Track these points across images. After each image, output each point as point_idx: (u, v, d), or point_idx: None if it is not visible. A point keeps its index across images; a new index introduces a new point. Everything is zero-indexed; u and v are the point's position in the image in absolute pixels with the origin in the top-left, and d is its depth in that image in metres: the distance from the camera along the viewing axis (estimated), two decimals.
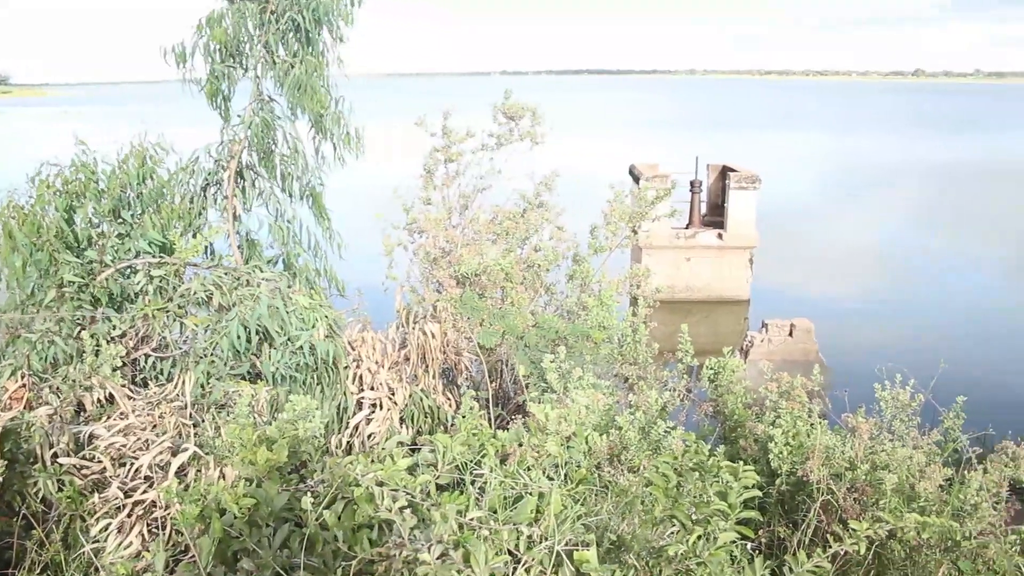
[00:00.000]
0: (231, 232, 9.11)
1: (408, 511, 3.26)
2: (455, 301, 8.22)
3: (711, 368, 7.23)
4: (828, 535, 4.53)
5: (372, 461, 3.79)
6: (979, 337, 23.12)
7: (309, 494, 3.70)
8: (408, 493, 3.43)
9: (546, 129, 10.54)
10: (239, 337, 7.11)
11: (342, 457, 4.12)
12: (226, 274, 7.69)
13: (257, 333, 7.42)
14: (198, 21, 8.57)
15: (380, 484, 3.47)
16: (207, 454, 5.50)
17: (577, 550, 3.35)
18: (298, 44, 8.86)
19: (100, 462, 5.53)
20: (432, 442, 4.35)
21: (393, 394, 8.00)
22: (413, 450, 4.62)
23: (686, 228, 25.25)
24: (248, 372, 7.50)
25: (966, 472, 5.55)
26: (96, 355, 6.63)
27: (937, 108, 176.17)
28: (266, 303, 7.27)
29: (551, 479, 4.37)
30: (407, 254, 10.31)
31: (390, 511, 3.24)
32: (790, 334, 15.24)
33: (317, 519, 3.59)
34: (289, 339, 7.45)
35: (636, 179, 23.10)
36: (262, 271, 8.09)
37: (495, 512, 3.55)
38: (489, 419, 8.01)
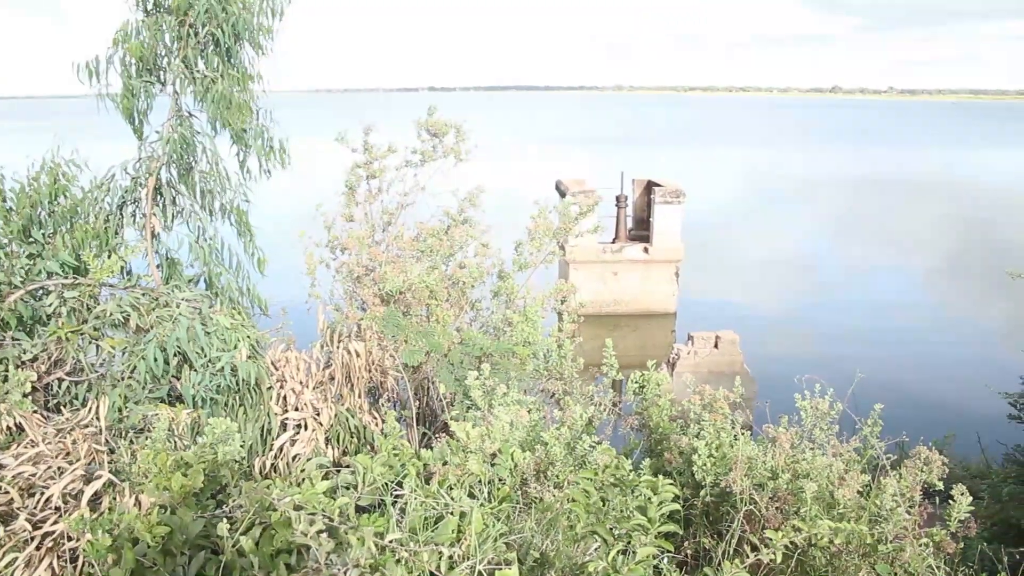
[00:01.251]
0: (149, 251, 8.90)
1: (325, 535, 3.20)
2: (378, 319, 8.14)
3: (636, 382, 7.28)
4: (746, 545, 4.59)
5: (290, 484, 3.71)
6: (896, 343, 23.83)
7: (226, 520, 3.61)
8: (326, 516, 3.37)
9: (470, 146, 10.54)
10: (156, 360, 6.94)
11: (260, 481, 4.03)
12: (144, 295, 7.51)
13: (176, 355, 7.25)
14: (114, 34, 8.36)
15: (298, 508, 3.41)
16: (123, 481, 5.33)
17: (499, 569, 3.33)
18: (218, 59, 8.72)
19: (7, 493, 5.31)
20: (353, 463, 4.29)
21: (318, 414, 7.88)
22: (341, 471, 4.56)
23: (612, 243, 25.50)
24: (168, 395, 7.32)
25: (882, 478, 5.68)
26: (4, 380, 6.39)
27: (854, 123, 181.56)
28: (185, 324, 7.11)
29: (474, 497, 4.35)
30: (331, 272, 10.20)
31: (307, 535, 3.18)
32: (715, 346, 15.45)
33: (234, 545, 3.51)
34: (210, 360, 7.30)
35: (562, 194, 23.29)
36: (182, 291, 7.91)
37: (416, 533, 3.51)
38: (411, 439, 7.97)
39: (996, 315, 26.14)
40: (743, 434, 6.04)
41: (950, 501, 5.42)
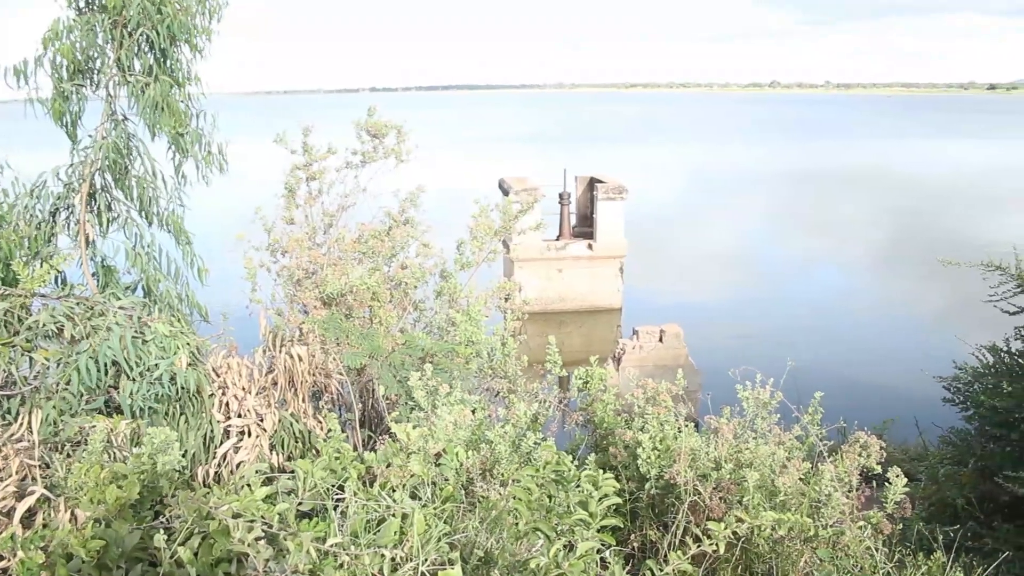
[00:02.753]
0: (84, 259, 8.71)
1: (263, 542, 3.17)
2: (320, 323, 8.07)
3: (580, 378, 7.32)
4: (688, 536, 4.64)
5: (228, 492, 3.66)
6: (837, 332, 24.34)
7: (163, 531, 3.55)
8: (266, 523, 3.33)
9: (411, 146, 10.49)
10: (90, 370, 6.79)
11: (198, 490, 3.96)
12: (78, 304, 7.34)
13: (112, 364, 7.11)
14: (43, 35, 8.14)
15: (238, 516, 3.36)
16: (58, 496, 5.20)
17: (442, 569, 3.32)
18: (153, 60, 8.55)
19: None
20: (293, 469, 4.25)
21: (261, 420, 7.78)
22: (281, 477, 4.51)
23: (557, 240, 25.62)
24: (106, 406, 7.17)
25: (820, 465, 5.79)
26: None
27: (792, 117, 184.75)
28: (119, 333, 6.97)
29: (417, 498, 4.33)
30: (272, 276, 10.08)
31: (245, 543, 3.14)
32: (660, 340, 15.60)
33: (172, 557, 3.45)
34: (148, 369, 7.16)
35: (506, 193, 23.33)
36: (119, 299, 7.76)
37: (358, 536, 3.49)
38: (356, 441, 7.91)
39: (931, 302, 26.80)
40: (687, 426, 6.10)
41: (887, 484, 5.55)
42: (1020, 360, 8.61)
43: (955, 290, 23.59)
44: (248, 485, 3.75)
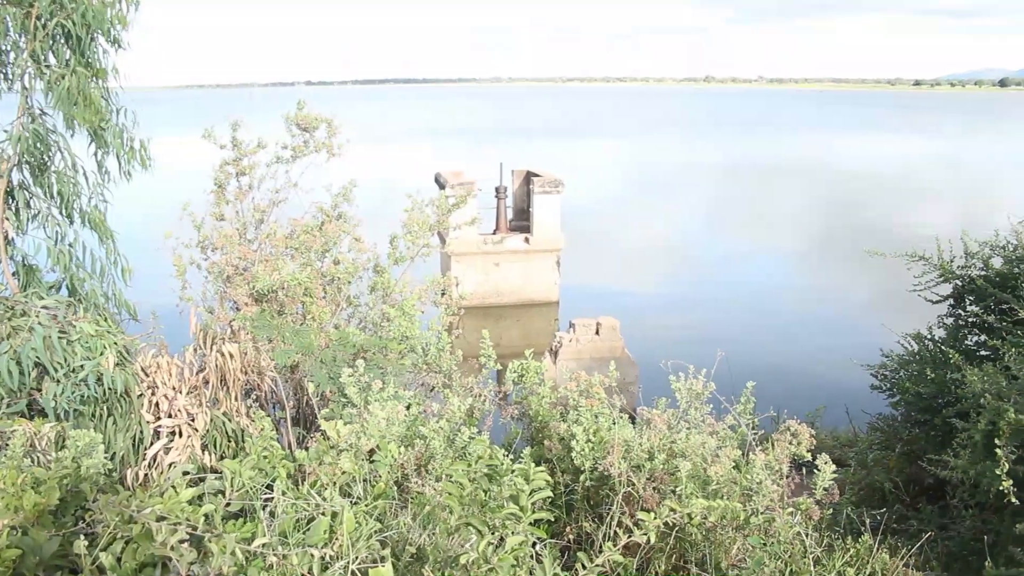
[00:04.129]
0: (3, 258, 8.44)
1: (186, 545, 3.09)
2: (250, 320, 7.94)
3: (514, 371, 7.32)
4: (618, 527, 4.67)
5: (151, 495, 3.57)
6: (771, 322, 24.76)
7: (84, 536, 3.44)
8: (191, 525, 3.26)
9: (343, 140, 10.36)
10: (11, 372, 6.59)
11: (126, 493, 3.85)
12: None
13: (36, 366, 6.91)
14: None
15: (162, 518, 3.28)
16: None
17: (373, 567, 3.28)
18: (70, 52, 8.29)
19: None
20: (220, 468, 4.17)
21: (193, 420, 7.65)
22: (207, 478, 4.41)
23: (493, 234, 25.58)
24: (29, 408, 6.97)
25: (752, 454, 5.87)
26: None
27: (726, 111, 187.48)
28: (42, 334, 6.78)
29: (348, 496, 4.28)
30: (202, 273, 9.89)
31: (168, 546, 3.06)
32: (597, 332, 15.66)
33: (94, 563, 3.35)
34: (72, 370, 6.98)
35: (442, 187, 23.22)
36: (41, 298, 7.55)
37: (287, 536, 3.43)
38: (289, 440, 7.82)
39: (860, 292, 27.41)
40: (622, 418, 6.14)
41: (816, 471, 5.65)
42: (942, 348, 8.85)
43: (882, 280, 24.17)
44: (173, 487, 3.67)
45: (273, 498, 3.77)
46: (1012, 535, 6.12)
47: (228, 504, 3.93)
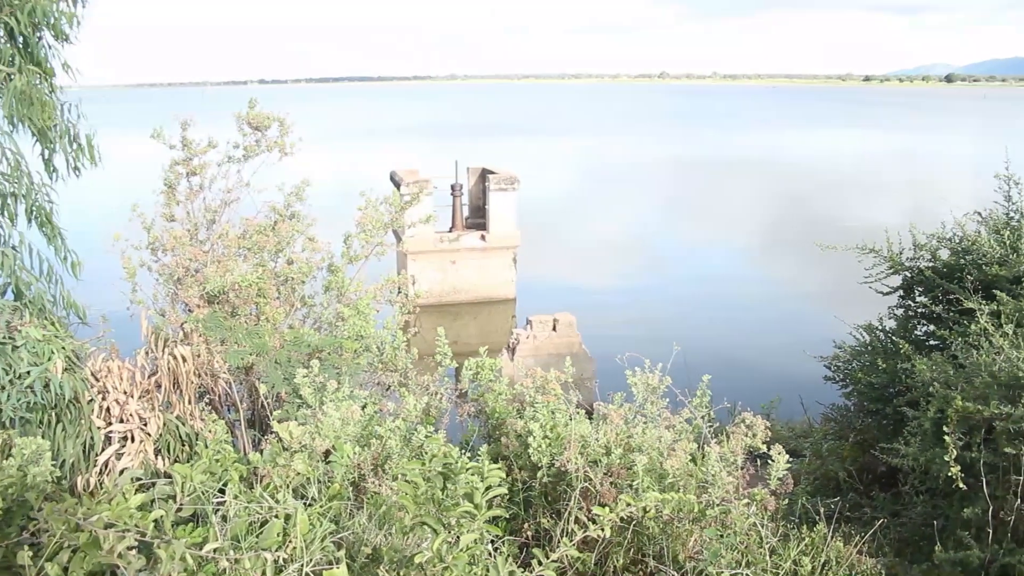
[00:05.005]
0: None
1: (134, 552, 3.04)
2: (201, 321, 7.83)
3: (470, 368, 7.30)
4: (575, 523, 4.68)
5: (99, 502, 3.50)
6: (727, 316, 24.99)
7: (29, 546, 3.36)
8: (140, 532, 3.20)
9: (295, 139, 10.26)
10: None
11: (74, 501, 3.76)
12: None
13: None
14: None
15: (110, 526, 3.21)
16: None
17: (328, 569, 3.25)
18: (15, 51, 8.09)
19: None
20: (171, 473, 4.10)
21: (145, 424, 7.52)
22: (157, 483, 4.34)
23: (449, 232, 25.53)
24: None
25: (706, 446, 5.92)
26: None
27: (681, 107, 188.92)
28: None
29: (303, 498, 4.24)
30: (153, 275, 9.73)
31: (116, 554, 3.00)
32: (554, 328, 15.69)
33: (39, 573, 3.27)
34: (19, 377, 6.83)
35: (397, 185, 23.10)
36: None
37: (239, 540, 3.39)
38: (245, 442, 7.72)
39: (814, 285, 27.76)
40: (578, 413, 6.15)
41: (770, 462, 5.72)
42: (893, 338, 8.98)
43: (835, 273, 24.49)
44: (122, 493, 3.60)
45: (225, 502, 3.72)
46: (960, 519, 6.23)
47: (179, 509, 3.86)
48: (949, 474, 5.95)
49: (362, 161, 53.96)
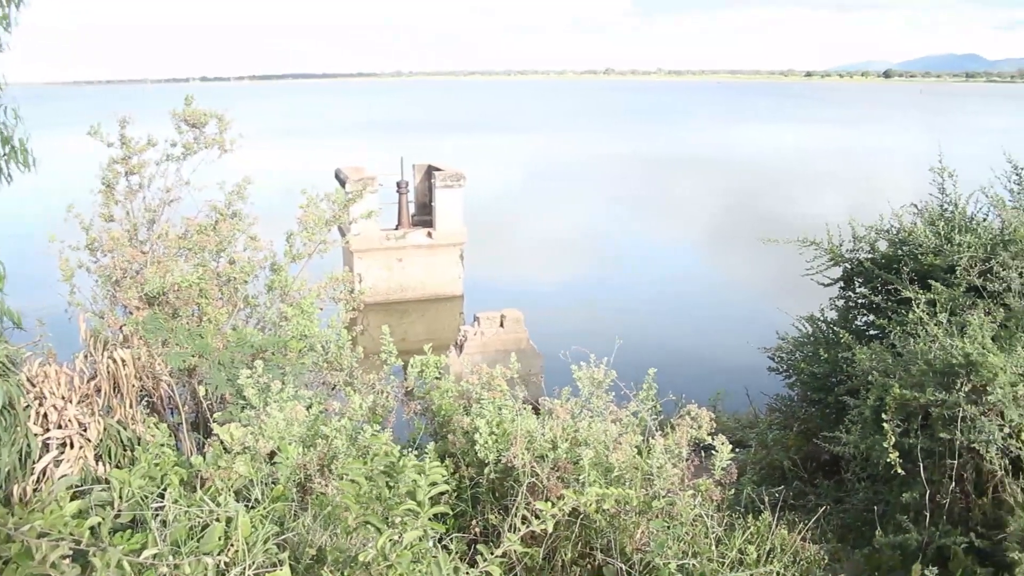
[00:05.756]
0: None
1: (68, 561, 2.96)
2: (140, 323, 7.67)
3: (415, 366, 7.26)
4: (519, 519, 4.68)
5: (32, 511, 3.41)
6: (675, 310, 25.22)
7: None
8: (75, 540, 3.12)
9: (234, 135, 10.10)
10: None
11: (13, 510, 3.65)
12: None
13: None
14: None
15: (43, 535, 3.13)
16: None
17: (270, 571, 3.21)
18: None
19: None
20: (109, 479, 4.00)
21: (85, 430, 7.35)
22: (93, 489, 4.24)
23: (396, 229, 25.38)
24: None
25: (651, 439, 5.96)
26: None
27: (627, 103, 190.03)
28: None
29: (246, 500, 4.18)
30: (91, 277, 9.51)
31: (49, 564, 2.92)
32: (501, 325, 15.66)
33: None
34: None
35: (342, 183, 22.89)
36: None
37: (180, 545, 3.32)
38: (189, 446, 7.58)
39: (758, 278, 28.12)
40: (524, 409, 6.15)
41: (714, 452, 5.78)
42: (834, 329, 9.14)
43: (779, 266, 24.84)
44: (56, 501, 3.50)
45: (165, 507, 3.64)
46: (899, 504, 6.37)
47: (118, 516, 3.78)
48: (888, 460, 6.07)
49: (307, 159, 53.37)
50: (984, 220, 8.63)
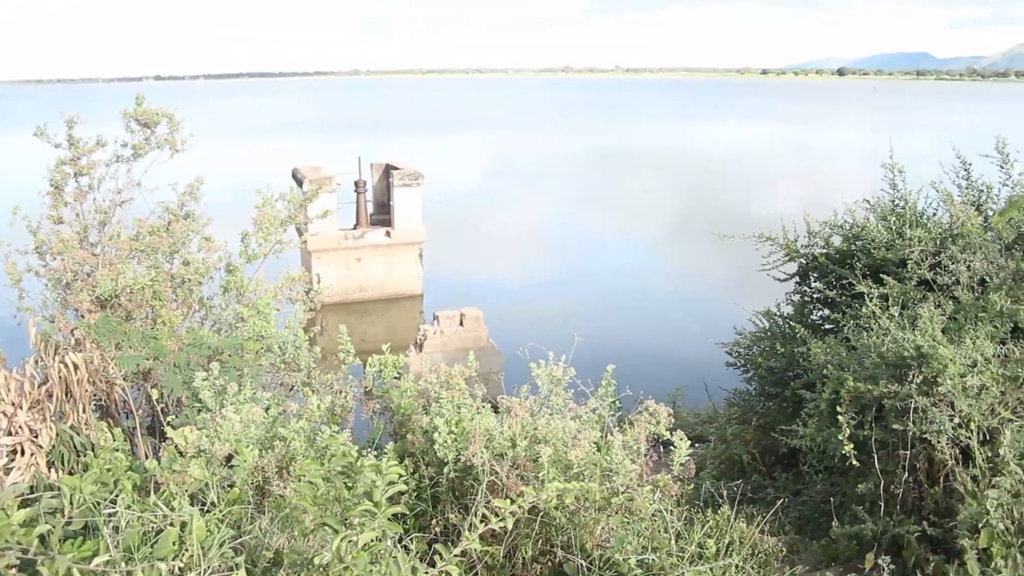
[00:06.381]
0: None
1: (14, 571, 2.89)
2: (92, 327, 7.54)
3: (373, 365, 7.23)
4: (478, 517, 4.67)
5: None
6: (634, 306, 25.32)
7: None
8: (22, 549, 3.05)
9: (187, 135, 9.97)
10: None
11: None
12: None
13: None
14: None
15: None
16: None
17: (226, 575, 3.17)
18: None
19: None
20: (59, 486, 3.93)
21: (36, 436, 7.22)
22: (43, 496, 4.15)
23: (354, 229, 25.23)
24: None
25: (610, 435, 5.98)
26: None
27: (586, 101, 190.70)
28: None
29: (202, 504, 4.13)
30: (41, 280, 9.34)
31: None
32: (461, 323, 15.66)
33: None
34: None
35: (299, 182, 22.70)
36: None
37: (133, 551, 3.27)
38: (146, 450, 7.47)
39: (716, 273, 28.36)
40: (484, 407, 6.14)
41: (672, 447, 5.82)
42: (790, 323, 9.23)
43: (735, 261, 25.07)
44: (3, 509, 3.43)
45: (115, 512, 3.58)
46: (855, 495, 6.46)
47: (69, 523, 3.71)
48: (844, 452, 6.15)
49: (263, 158, 52.85)
50: (934, 215, 8.77)
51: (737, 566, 5.12)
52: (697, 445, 10.34)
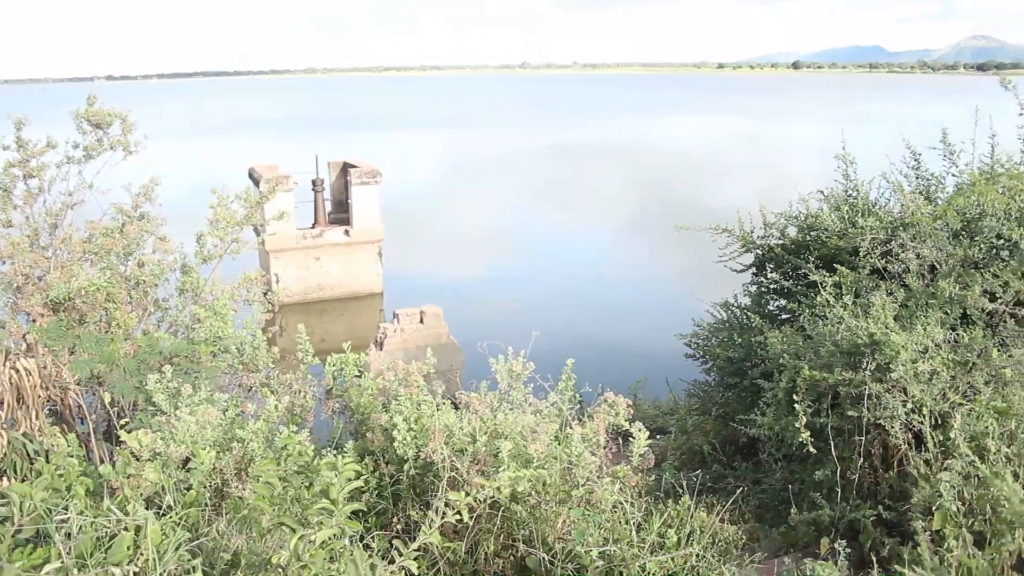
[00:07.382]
0: None
1: None
2: (43, 331, 7.42)
3: (332, 365, 7.19)
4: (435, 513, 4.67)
5: None
6: (593, 301, 25.46)
7: None
8: None
9: (139, 136, 9.83)
10: None
11: None
12: None
13: None
14: None
15: None
16: None
17: None
18: None
19: None
20: (7, 492, 3.85)
21: None
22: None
23: (312, 228, 25.07)
24: None
25: (570, 428, 6.00)
26: None
27: (544, 97, 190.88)
28: None
29: (158, 508, 4.08)
30: None
31: None
32: (421, 321, 15.64)
33: None
34: None
35: (256, 182, 22.50)
36: None
37: (86, 557, 3.22)
38: (101, 455, 7.37)
39: (674, 266, 28.57)
40: (444, 404, 6.13)
41: (631, 439, 5.85)
42: (748, 313, 9.32)
43: (693, 253, 25.27)
44: None
45: (67, 519, 3.52)
46: (813, 482, 6.56)
47: (19, 531, 3.64)
48: (801, 440, 6.23)
49: (219, 158, 52.26)
50: (886, 204, 8.91)
51: (697, 555, 5.17)
52: (659, 436, 10.42)
